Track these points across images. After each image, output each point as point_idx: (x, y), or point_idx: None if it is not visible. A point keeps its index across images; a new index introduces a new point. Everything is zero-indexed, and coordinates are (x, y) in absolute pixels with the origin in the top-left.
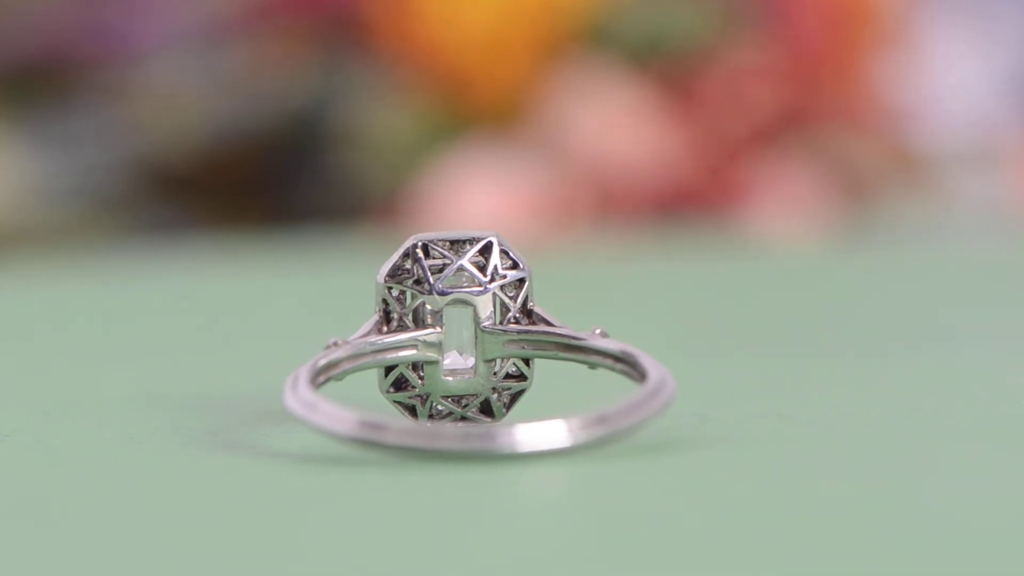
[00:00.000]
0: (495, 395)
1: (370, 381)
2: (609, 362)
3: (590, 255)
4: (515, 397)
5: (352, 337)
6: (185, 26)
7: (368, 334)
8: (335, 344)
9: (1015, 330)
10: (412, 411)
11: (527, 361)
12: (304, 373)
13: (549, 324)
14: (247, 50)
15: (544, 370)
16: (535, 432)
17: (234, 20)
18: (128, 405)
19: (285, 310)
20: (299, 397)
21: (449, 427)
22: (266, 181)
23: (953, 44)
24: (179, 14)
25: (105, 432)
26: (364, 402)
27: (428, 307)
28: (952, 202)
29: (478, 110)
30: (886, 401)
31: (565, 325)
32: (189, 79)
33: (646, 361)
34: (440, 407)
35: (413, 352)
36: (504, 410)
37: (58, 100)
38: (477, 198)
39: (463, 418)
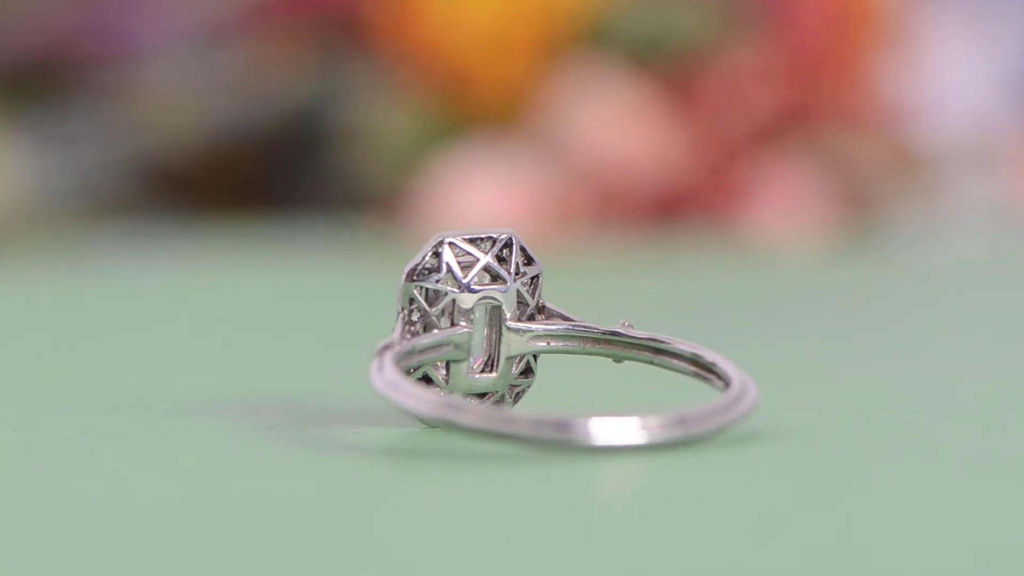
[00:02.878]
0: (509, 392)
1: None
2: (647, 355)
3: (590, 254)
4: (521, 394)
5: (395, 337)
6: (185, 26)
7: (403, 334)
8: (391, 345)
9: (1013, 328)
10: None
11: (535, 357)
12: (390, 357)
13: (567, 319)
14: (247, 50)
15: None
16: (611, 427)
17: (234, 20)
18: (139, 406)
19: (285, 309)
20: (385, 378)
21: (525, 413)
22: (266, 181)
23: (953, 44)
24: (179, 14)
25: (123, 432)
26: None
27: (457, 305)
28: (952, 202)
29: (478, 110)
30: (890, 398)
31: (582, 319)
32: (189, 79)
33: (725, 365)
34: None
35: (449, 350)
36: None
37: (58, 100)
38: (477, 197)
39: None
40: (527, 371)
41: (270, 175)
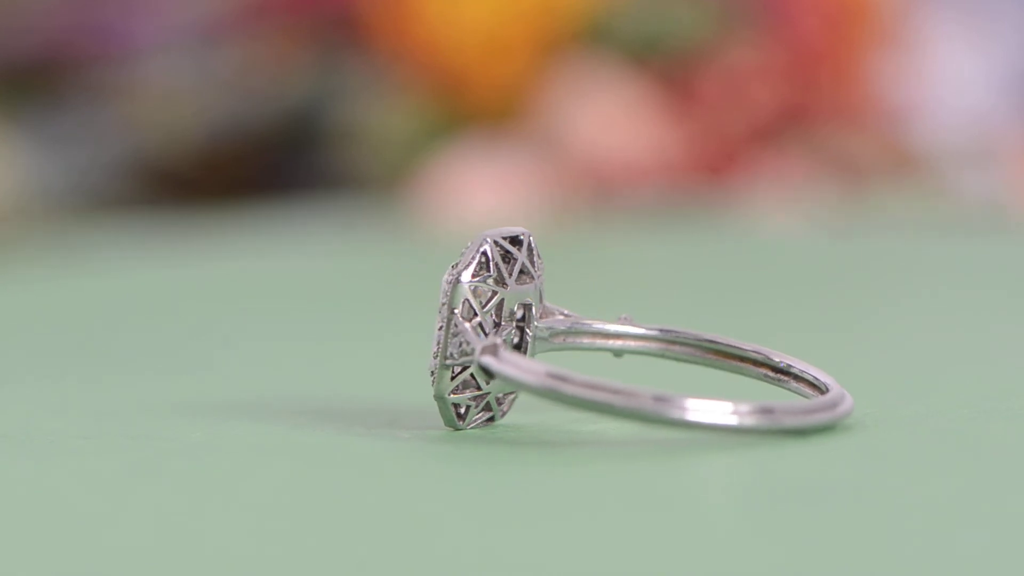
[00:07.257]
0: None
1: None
2: (661, 348)
3: (587, 251)
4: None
5: (491, 338)
6: (182, 25)
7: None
8: (494, 344)
9: (1013, 322)
10: (462, 415)
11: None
12: (500, 335)
13: (566, 315)
14: (244, 49)
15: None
16: (705, 406)
17: (231, 18)
18: (142, 407)
19: (285, 308)
20: (496, 352)
21: (623, 385)
22: (263, 179)
23: (952, 43)
24: (177, 13)
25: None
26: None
27: (504, 305)
28: (950, 199)
29: (476, 108)
30: (896, 392)
31: (579, 315)
32: (186, 77)
33: (819, 374)
34: (488, 406)
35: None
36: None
37: (56, 98)
38: (475, 195)
39: (492, 419)
40: None
41: (267, 173)
